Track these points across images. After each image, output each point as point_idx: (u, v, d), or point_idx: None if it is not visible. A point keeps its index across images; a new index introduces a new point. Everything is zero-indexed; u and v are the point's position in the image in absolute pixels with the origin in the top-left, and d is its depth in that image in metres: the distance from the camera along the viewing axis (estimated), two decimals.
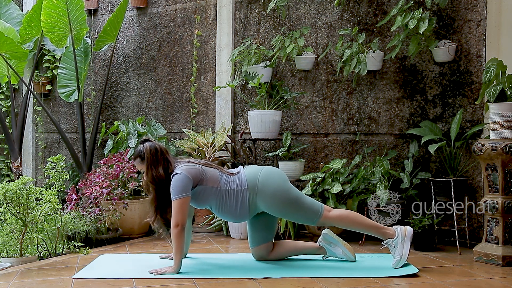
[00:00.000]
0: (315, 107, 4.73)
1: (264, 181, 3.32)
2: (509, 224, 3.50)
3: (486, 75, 3.59)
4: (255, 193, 3.30)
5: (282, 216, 3.49)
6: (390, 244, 3.31)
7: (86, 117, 5.96)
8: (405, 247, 3.27)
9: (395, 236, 3.30)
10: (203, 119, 5.34)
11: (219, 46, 5.18)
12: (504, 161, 3.46)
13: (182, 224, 3.18)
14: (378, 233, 3.37)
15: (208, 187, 3.31)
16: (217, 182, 3.32)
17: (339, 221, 3.37)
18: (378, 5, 4.48)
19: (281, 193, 3.31)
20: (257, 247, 3.50)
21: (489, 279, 3.13)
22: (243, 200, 3.30)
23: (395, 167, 4.32)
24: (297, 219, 3.48)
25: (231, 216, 3.38)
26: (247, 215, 3.35)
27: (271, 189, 3.30)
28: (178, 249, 3.20)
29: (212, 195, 3.32)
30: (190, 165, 3.32)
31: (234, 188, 3.31)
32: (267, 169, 3.41)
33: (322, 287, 2.95)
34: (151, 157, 3.33)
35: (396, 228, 3.33)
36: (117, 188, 4.48)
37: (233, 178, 3.36)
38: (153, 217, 3.35)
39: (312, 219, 3.36)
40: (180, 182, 3.21)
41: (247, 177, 3.34)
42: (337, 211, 3.40)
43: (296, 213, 3.36)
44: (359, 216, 3.41)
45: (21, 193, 3.69)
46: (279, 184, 3.33)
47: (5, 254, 3.69)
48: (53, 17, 5.11)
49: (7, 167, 6.37)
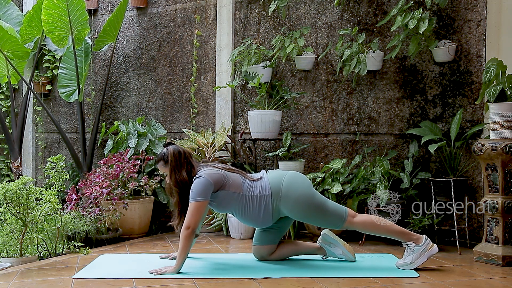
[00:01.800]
0: (315, 107, 4.73)
1: (288, 187, 3.30)
2: (509, 224, 3.49)
3: (486, 75, 3.59)
4: (279, 199, 3.29)
5: (306, 221, 3.49)
6: (411, 247, 3.26)
7: (86, 117, 5.96)
8: (421, 259, 3.24)
9: (421, 244, 3.25)
10: (203, 119, 5.34)
11: (219, 46, 5.18)
12: (504, 161, 3.46)
13: (194, 228, 3.17)
14: (404, 238, 3.32)
15: (231, 193, 3.29)
16: (239, 187, 3.31)
17: (363, 227, 3.35)
18: (378, 5, 4.48)
19: (305, 199, 3.29)
20: (260, 246, 3.50)
21: (489, 279, 3.13)
22: (266, 206, 3.29)
23: (395, 167, 4.32)
24: (321, 224, 3.46)
25: (254, 222, 3.37)
26: (271, 221, 3.35)
27: (295, 195, 3.28)
28: (183, 250, 3.19)
29: (234, 201, 3.30)
30: (213, 170, 3.31)
31: (257, 194, 3.30)
32: (291, 175, 3.38)
33: (322, 287, 2.95)
34: (174, 160, 3.32)
35: (426, 238, 3.28)
36: (117, 188, 4.48)
37: (256, 183, 3.34)
38: (177, 220, 3.34)
39: (336, 224, 3.34)
40: (201, 186, 3.21)
41: (271, 183, 3.32)
42: (361, 218, 3.35)
43: (320, 218, 3.34)
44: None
45: (21, 193, 3.69)
46: (303, 189, 3.31)
47: (5, 254, 3.69)
48: (53, 17, 5.11)
49: (7, 167, 6.37)
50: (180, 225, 3.30)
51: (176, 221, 3.34)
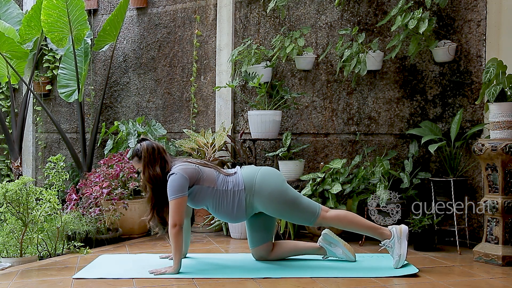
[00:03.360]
0: (315, 107, 4.73)
1: (261, 182, 3.31)
2: (509, 224, 3.50)
3: (486, 75, 3.60)
4: (252, 194, 3.30)
5: (279, 217, 3.49)
6: (388, 245, 3.30)
7: (86, 117, 5.96)
8: (403, 246, 3.27)
9: (391, 237, 3.30)
10: (203, 119, 5.34)
11: (219, 46, 5.18)
12: (504, 161, 3.46)
13: (180, 224, 3.18)
14: (375, 233, 3.37)
15: (205, 187, 3.30)
16: (213, 182, 3.32)
17: (337, 221, 3.37)
18: (378, 5, 4.48)
19: (278, 194, 3.30)
20: (256, 247, 3.50)
21: (489, 279, 3.13)
22: (239, 200, 3.30)
23: (395, 167, 4.32)
24: (294, 220, 3.48)
25: (228, 217, 3.38)
26: (244, 216, 3.35)
27: (268, 190, 3.29)
28: (177, 249, 3.20)
29: (208, 195, 3.31)
30: (187, 165, 3.32)
31: (231, 189, 3.31)
32: (264, 170, 3.40)
33: (322, 287, 2.95)
34: (148, 156, 3.33)
35: (391, 228, 3.33)
36: (117, 188, 4.48)
37: (230, 178, 3.36)
38: (149, 215, 3.35)
39: (309, 220, 3.36)
40: (176, 182, 3.21)
41: (244, 178, 3.33)
42: (334, 212, 3.39)
43: (293, 213, 3.35)
44: (356, 217, 3.40)
45: (21, 193, 3.69)
46: (276, 185, 3.32)
47: (5, 254, 3.69)
48: (53, 17, 5.11)
49: (7, 167, 6.37)
50: (152, 220, 3.34)
51: (149, 216, 3.35)
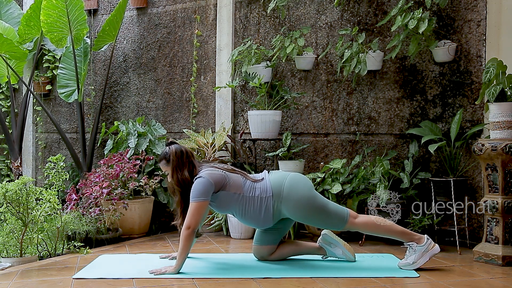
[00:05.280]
0: (315, 107, 4.73)
1: (290, 188, 3.30)
2: (509, 224, 3.49)
3: (486, 75, 3.59)
4: (280, 201, 3.29)
5: (307, 223, 3.49)
6: (413, 248, 3.26)
7: (86, 117, 5.96)
8: (423, 259, 3.24)
9: (423, 244, 3.25)
10: (203, 119, 5.34)
11: (219, 46, 5.18)
12: (504, 161, 3.46)
13: (194, 228, 3.18)
14: (405, 238, 3.31)
15: (231, 193, 3.30)
16: (240, 188, 3.31)
17: (365, 228, 3.35)
18: (378, 5, 4.48)
19: (307, 201, 3.29)
20: (261, 246, 3.49)
21: (489, 279, 3.13)
22: (267, 207, 3.29)
23: (395, 167, 4.32)
24: (323, 226, 3.46)
25: (254, 223, 3.37)
26: (271, 222, 3.35)
27: (296, 197, 3.28)
28: (184, 250, 3.19)
29: (234, 201, 3.30)
30: (214, 170, 3.31)
31: (258, 195, 3.30)
32: (292, 176, 3.38)
33: (322, 287, 2.95)
34: (176, 159, 3.33)
35: (428, 238, 3.29)
36: (117, 188, 4.48)
37: (257, 184, 3.34)
38: (179, 220, 3.34)
39: (338, 226, 3.34)
40: (201, 186, 3.21)
41: (272, 184, 3.32)
42: (363, 219, 3.35)
43: (321, 220, 3.34)
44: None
45: (21, 193, 3.69)
46: (304, 191, 3.31)
47: (5, 254, 3.69)
48: (52, 17, 5.10)
49: (7, 167, 6.37)
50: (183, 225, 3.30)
51: (179, 221, 3.34)
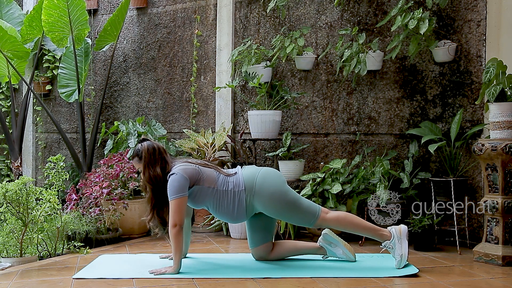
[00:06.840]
0: (315, 107, 4.73)
1: (262, 182, 3.31)
2: (509, 224, 3.50)
3: (486, 75, 3.59)
4: (252, 195, 3.30)
5: (279, 218, 3.49)
6: (388, 246, 3.31)
7: (86, 117, 5.96)
8: (404, 246, 3.27)
9: (392, 237, 3.30)
10: (203, 119, 5.34)
11: (219, 46, 5.18)
12: (504, 161, 3.46)
13: (180, 224, 3.18)
14: (375, 235, 3.37)
15: (205, 188, 3.31)
16: (214, 182, 3.32)
17: (336, 223, 3.37)
18: (378, 5, 4.48)
19: (279, 195, 3.31)
20: (256, 247, 3.50)
21: (489, 279, 3.13)
22: (240, 201, 3.30)
23: (395, 167, 4.32)
24: (294, 221, 3.49)
25: (228, 217, 3.38)
26: (244, 216, 3.35)
27: (268, 191, 3.30)
28: (177, 249, 3.20)
29: (208, 196, 3.32)
30: (187, 165, 3.32)
31: (231, 189, 3.31)
32: (265, 171, 3.40)
33: (322, 287, 2.95)
34: (148, 156, 3.34)
35: (390, 229, 3.34)
36: (117, 188, 4.48)
37: (230, 178, 3.36)
38: (149, 216, 3.36)
39: (309, 221, 3.36)
40: (176, 182, 3.22)
41: (245, 178, 3.34)
42: (334, 214, 3.39)
43: (293, 215, 3.35)
44: (355, 218, 3.40)
45: (21, 193, 3.69)
46: (276, 186, 3.33)
47: (5, 254, 3.69)
48: (53, 17, 5.11)
49: (7, 167, 6.37)
50: (152, 221, 3.34)
51: (149, 217, 3.36)
